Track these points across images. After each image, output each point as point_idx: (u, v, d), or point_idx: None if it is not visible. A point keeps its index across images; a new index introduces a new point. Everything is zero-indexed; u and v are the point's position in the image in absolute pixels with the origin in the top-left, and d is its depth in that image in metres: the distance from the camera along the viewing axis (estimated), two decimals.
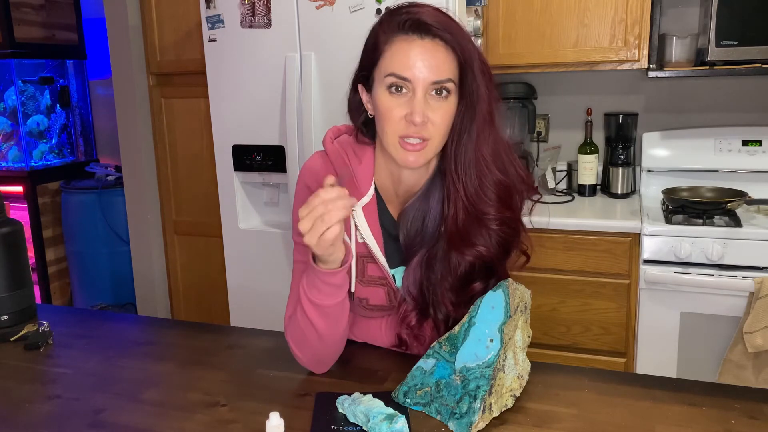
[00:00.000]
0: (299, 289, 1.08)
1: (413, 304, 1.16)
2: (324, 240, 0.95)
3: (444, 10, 1.05)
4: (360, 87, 1.11)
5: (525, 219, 1.16)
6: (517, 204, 1.13)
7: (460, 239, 1.09)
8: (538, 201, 1.18)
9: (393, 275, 1.18)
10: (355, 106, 1.15)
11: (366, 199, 1.14)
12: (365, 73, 1.08)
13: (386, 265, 1.16)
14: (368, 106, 1.10)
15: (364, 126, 1.15)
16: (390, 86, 1.03)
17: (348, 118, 1.18)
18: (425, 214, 1.14)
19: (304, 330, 1.09)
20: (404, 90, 1.02)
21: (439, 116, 1.03)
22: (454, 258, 1.11)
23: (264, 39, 2.11)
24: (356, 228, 1.13)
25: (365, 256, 1.16)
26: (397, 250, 1.18)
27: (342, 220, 0.95)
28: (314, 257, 1.02)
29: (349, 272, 1.06)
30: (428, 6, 1.04)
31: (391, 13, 1.05)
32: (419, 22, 1.01)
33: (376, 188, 1.17)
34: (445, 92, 1.03)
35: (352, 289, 1.09)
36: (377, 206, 1.17)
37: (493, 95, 1.06)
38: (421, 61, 1.00)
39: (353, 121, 1.16)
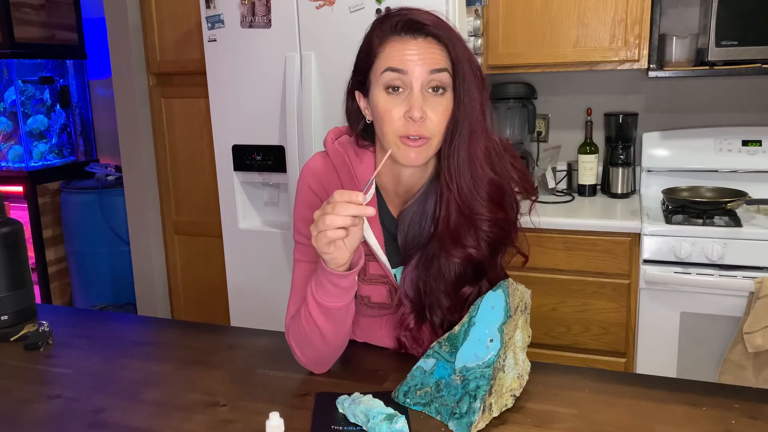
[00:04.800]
0: (307, 288, 1.08)
1: (411, 306, 1.17)
2: (317, 239, 0.96)
3: (435, 13, 1.06)
4: (357, 94, 1.12)
5: (523, 218, 1.16)
6: (510, 205, 1.13)
7: (450, 239, 1.09)
8: (534, 201, 1.18)
9: (394, 274, 1.18)
10: (353, 114, 1.15)
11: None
12: (361, 78, 1.09)
13: (387, 264, 1.16)
14: (366, 112, 1.11)
15: (364, 132, 1.16)
16: (387, 86, 1.03)
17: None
18: (422, 217, 1.15)
19: (307, 331, 1.09)
20: (401, 89, 1.03)
21: (436, 113, 1.03)
22: (443, 260, 1.11)
23: (264, 39, 2.11)
24: None
25: (366, 254, 1.16)
26: (398, 250, 1.18)
27: (345, 227, 0.95)
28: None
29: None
30: (419, 8, 1.06)
31: (382, 18, 1.07)
32: (412, 22, 1.03)
33: (377, 188, 1.17)
34: (441, 89, 1.04)
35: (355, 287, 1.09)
36: (378, 206, 1.17)
37: (484, 96, 1.07)
38: (416, 55, 1.02)
39: (353, 129, 1.17)
